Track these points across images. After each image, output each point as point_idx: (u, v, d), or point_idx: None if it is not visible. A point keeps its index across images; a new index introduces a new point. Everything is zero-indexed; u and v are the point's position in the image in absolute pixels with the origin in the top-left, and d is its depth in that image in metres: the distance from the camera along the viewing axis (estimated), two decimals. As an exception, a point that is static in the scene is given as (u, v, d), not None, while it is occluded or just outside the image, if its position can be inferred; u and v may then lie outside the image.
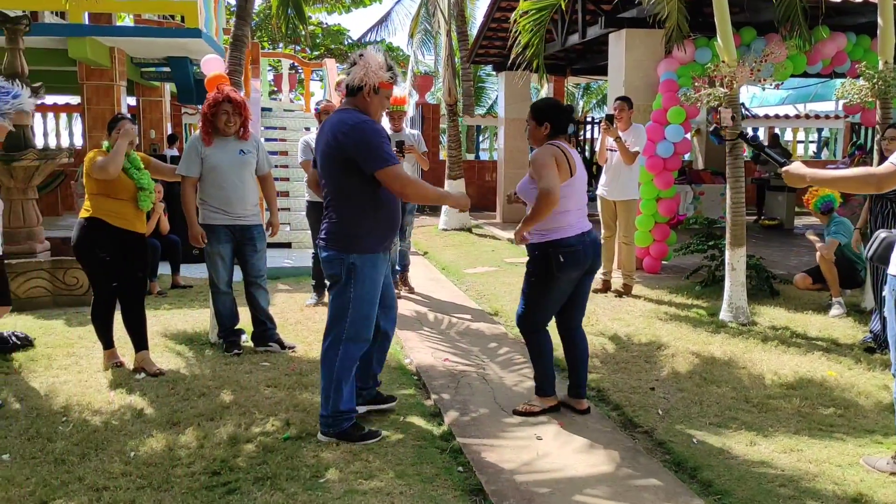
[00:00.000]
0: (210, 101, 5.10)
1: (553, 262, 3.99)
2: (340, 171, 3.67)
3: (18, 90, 4.25)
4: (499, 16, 12.03)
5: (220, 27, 11.29)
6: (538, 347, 4.22)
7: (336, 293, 3.75)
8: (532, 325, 4.20)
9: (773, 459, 3.57)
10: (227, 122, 5.09)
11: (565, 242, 4.01)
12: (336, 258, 3.69)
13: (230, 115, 5.08)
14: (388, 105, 4.15)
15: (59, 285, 6.62)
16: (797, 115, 18.60)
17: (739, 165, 6.19)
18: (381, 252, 3.78)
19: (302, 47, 23.80)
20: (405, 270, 7.54)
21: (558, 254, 3.99)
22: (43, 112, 15.11)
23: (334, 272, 3.71)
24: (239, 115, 5.13)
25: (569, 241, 4.02)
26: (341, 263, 3.67)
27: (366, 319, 3.76)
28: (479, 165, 16.60)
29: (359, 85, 3.68)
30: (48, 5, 9.47)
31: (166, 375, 4.74)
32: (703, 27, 7.84)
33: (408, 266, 7.58)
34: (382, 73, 3.66)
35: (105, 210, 4.69)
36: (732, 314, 6.09)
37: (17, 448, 3.65)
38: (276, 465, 3.46)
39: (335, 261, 3.70)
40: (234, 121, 5.12)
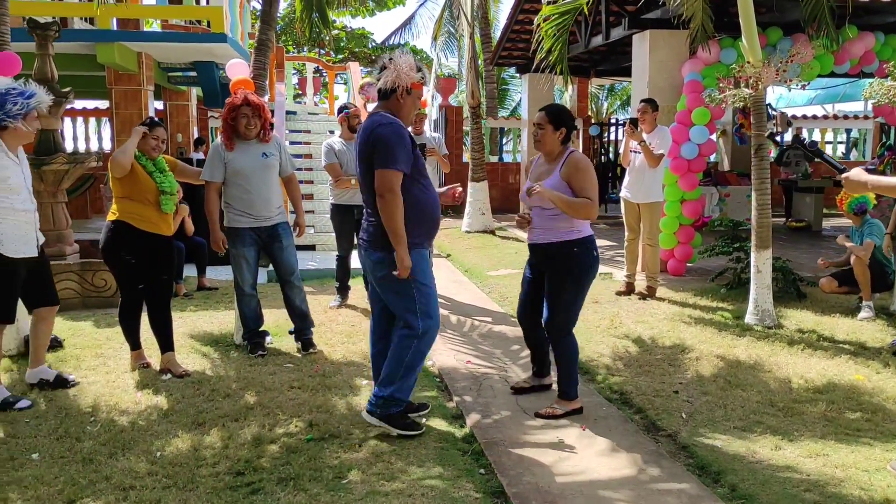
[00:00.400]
0: (229, 105, 5.15)
1: (591, 256, 4.18)
2: (370, 171, 3.77)
3: (32, 89, 4.31)
4: (522, 18, 12.04)
5: (246, 32, 11.41)
6: (570, 350, 4.24)
7: (392, 290, 3.84)
8: (568, 326, 4.23)
9: (799, 464, 3.53)
10: (248, 125, 5.14)
11: (593, 238, 4.24)
12: (383, 259, 3.78)
13: (250, 119, 5.13)
14: (420, 106, 4.24)
15: (88, 287, 6.73)
16: (825, 115, 18.35)
17: (765, 167, 6.13)
18: (423, 248, 3.87)
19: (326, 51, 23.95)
20: None
21: (594, 248, 4.20)
22: (72, 117, 15.39)
23: (383, 273, 3.81)
24: (259, 117, 5.16)
25: (593, 237, 4.25)
26: (392, 263, 3.74)
27: (436, 312, 3.88)
28: (503, 167, 16.58)
29: (391, 88, 3.79)
30: (77, 11, 9.63)
31: (192, 376, 4.79)
32: (729, 27, 7.78)
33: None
34: (413, 74, 3.79)
35: (130, 213, 4.76)
36: (758, 317, 6.03)
37: (47, 447, 3.72)
38: (299, 465, 3.49)
39: (384, 262, 3.79)
40: (255, 123, 5.15)
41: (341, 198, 6.65)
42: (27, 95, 4.25)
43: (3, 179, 4.20)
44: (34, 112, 4.30)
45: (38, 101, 4.28)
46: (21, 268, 4.37)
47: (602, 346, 5.57)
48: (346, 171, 6.52)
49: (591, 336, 5.85)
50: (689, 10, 6.66)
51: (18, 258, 4.32)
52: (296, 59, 14.93)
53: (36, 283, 4.53)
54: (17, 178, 4.29)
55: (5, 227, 4.26)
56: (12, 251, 4.28)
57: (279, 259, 5.34)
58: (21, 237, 4.33)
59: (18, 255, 4.32)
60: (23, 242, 4.34)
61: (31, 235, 4.41)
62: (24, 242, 4.35)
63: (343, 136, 6.68)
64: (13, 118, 4.21)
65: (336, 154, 6.57)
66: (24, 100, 4.23)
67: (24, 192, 4.35)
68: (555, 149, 4.25)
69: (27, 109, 4.24)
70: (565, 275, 4.16)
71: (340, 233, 6.81)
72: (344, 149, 6.57)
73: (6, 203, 4.24)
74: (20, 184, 4.31)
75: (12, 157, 4.29)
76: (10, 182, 4.23)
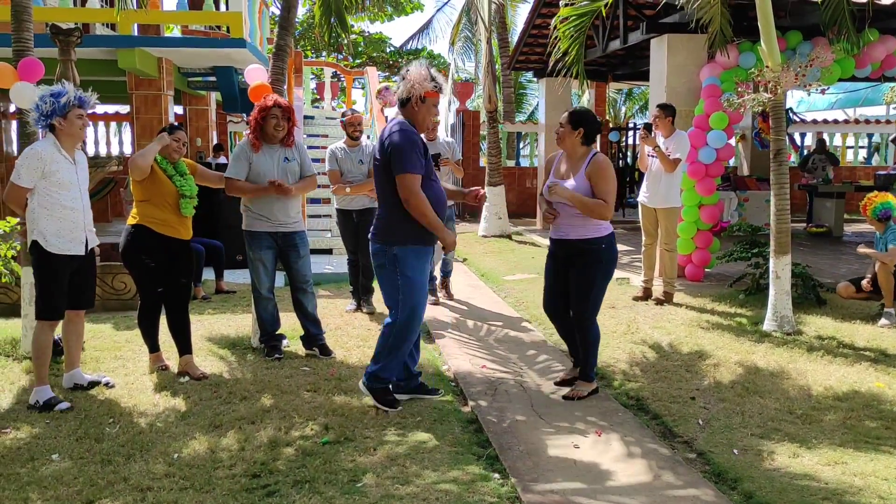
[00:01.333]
0: (260, 106, 5.21)
1: (615, 250, 4.60)
2: (383, 173, 4.13)
3: (62, 89, 4.38)
4: (539, 22, 12.02)
5: (265, 37, 11.48)
6: (595, 335, 4.61)
7: (384, 280, 4.27)
8: (595, 314, 4.61)
9: (817, 472, 3.50)
10: (276, 126, 5.18)
11: (614, 234, 4.60)
12: (380, 250, 4.22)
13: (279, 120, 5.18)
14: (437, 112, 4.49)
15: (108, 290, 6.80)
16: (846, 119, 18.17)
17: (784, 172, 6.08)
18: (422, 246, 4.22)
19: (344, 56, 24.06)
20: (447, 276, 7.59)
21: (615, 243, 4.60)
22: (94, 121, 15.55)
23: (379, 262, 4.25)
24: (287, 120, 5.22)
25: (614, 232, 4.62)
26: (385, 254, 4.19)
27: (417, 307, 4.24)
28: (520, 172, 16.57)
29: (406, 97, 4.15)
30: (99, 17, 9.74)
31: (209, 379, 4.83)
32: (747, 31, 7.73)
33: (450, 273, 7.64)
34: (427, 83, 4.10)
35: (150, 217, 4.81)
36: (777, 323, 5.98)
37: (66, 448, 3.76)
38: (314, 468, 3.51)
39: (380, 252, 4.23)
40: (283, 126, 5.20)
41: (342, 202, 6.73)
42: (59, 95, 4.33)
43: (52, 173, 4.30)
44: (75, 111, 4.37)
45: (68, 99, 4.34)
46: (65, 265, 4.41)
47: (619, 352, 5.55)
48: (346, 177, 6.56)
49: (607, 342, 5.82)
50: (708, 15, 6.63)
51: (62, 255, 4.38)
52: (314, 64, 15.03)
53: (77, 284, 4.56)
54: (68, 175, 4.38)
55: (50, 222, 4.34)
56: (55, 247, 4.35)
57: (294, 267, 5.38)
58: (66, 234, 4.39)
59: (62, 252, 4.38)
60: (68, 240, 4.40)
61: (79, 234, 4.46)
62: (69, 240, 4.41)
63: (346, 143, 6.71)
64: (48, 117, 4.32)
65: (337, 161, 6.62)
66: (56, 100, 4.31)
67: (75, 191, 4.43)
68: (575, 148, 4.54)
69: (60, 108, 4.32)
70: (596, 269, 4.51)
71: (345, 236, 6.89)
72: (344, 156, 6.61)
73: (53, 198, 4.33)
74: (71, 181, 4.39)
75: (64, 155, 4.38)
76: (59, 177, 4.32)
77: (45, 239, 4.34)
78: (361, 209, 6.66)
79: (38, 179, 4.30)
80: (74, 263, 4.47)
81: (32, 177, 4.29)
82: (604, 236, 4.49)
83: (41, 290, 4.43)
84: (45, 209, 4.33)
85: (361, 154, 6.62)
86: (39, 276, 4.43)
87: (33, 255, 4.41)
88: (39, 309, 4.44)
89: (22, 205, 4.43)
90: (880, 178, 12.97)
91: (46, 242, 4.34)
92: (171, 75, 10.30)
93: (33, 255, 4.41)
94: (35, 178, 4.29)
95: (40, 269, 4.41)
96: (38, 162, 4.28)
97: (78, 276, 4.54)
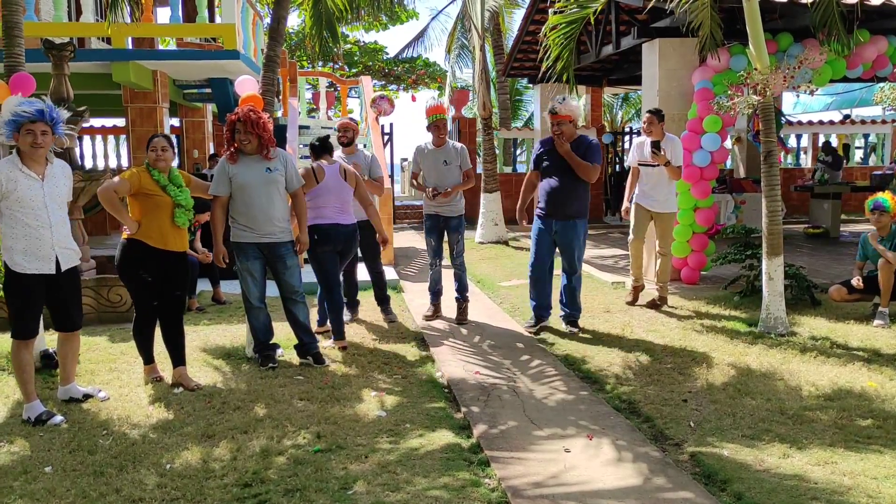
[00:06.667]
0: (227, 121, 5.23)
1: None
2: None
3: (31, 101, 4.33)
4: (533, 29, 12.09)
5: (259, 48, 11.53)
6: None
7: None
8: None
9: (807, 472, 3.51)
10: (241, 140, 5.18)
11: None
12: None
13: (242, 134, 5.16)
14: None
15: (104, 302, 6.82)
16: (842, 120, 18.20)
17: (774, 173, 6.10)
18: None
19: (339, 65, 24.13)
20: (462, 300, 6.90)
21: None
22: (90, 135, 15.60)
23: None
24: (251, 133, 5.15)
25: None
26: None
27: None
28: (516, 178, 16.55)
29: None
30: (91, 32, 9.79)
31: (203, 389, 4.84)
32: (739, 34, 7.75)
33: (465, 293, 6.93)
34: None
35: (144, 231, 4.82)
36: (770, 325, 5.99)
37: (59, 460, 3.77)
38: (305, 477, 3.52)
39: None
40: (248, 139, 5.16)
41: None
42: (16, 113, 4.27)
43: (10, 192, 4.22)
44: (25, 126, 4.24)
45: (18, 115, 4.24)
46: (35, 284, 4.35)
47: (612, 356, 5.56)
48: None
49: (601, 346, 5.85)
50: (698, 19, 6.66)
51: (29, 274, 4.32)
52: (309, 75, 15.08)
53: (58, 304, 4.51)
54: (29, 192, 4.26)
55: (14, 241, 4.28)
56: (20, 266, 4.29)
57: (282, 279, 5.38)
58: (33, 252, 4.32)
59: (28, 272, 4.31)
60: (36, 258, 4.33)
61: (46, 253, 4.36)
62: (37, 258, 4.33)
63: (343, 151, 6.73)
64: (7, 134, 4.27)
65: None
66: (14, 116, 4.26)
67: (40, 208, 4.31)
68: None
69: (14, 125, 4.25)
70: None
71: None
72: None
73: (15, 217, 4.26)
74: (33, 198, 4.28)
75: (26, 172, 4.27)
76: (19, 195, 4.23)
77: (12, 259, 4.28)
78: (362, 220, 6.65)
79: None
80: (45, 283, 4.40)
81: None
82: None
83: (14, 310, 4.38)
84: (11, 228, 4.27)
85: (357, 160, 6.62)
86: (10, 295, 4.36)
87: (5, 276, 4.37)
88: (13, 329, 4.40)
89: None
90: (876, 178, 12.99)
91: (13, 262, 4.28)
92: (167, 88, 10.36)
93: (5, 276, 4.37)
94: None
95: (10, 289, 4.35)
96: None
97: (56, 295, 4.48)
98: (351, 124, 6.77)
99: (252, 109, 5.20)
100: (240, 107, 5.29)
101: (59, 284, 4.48)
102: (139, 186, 4.82)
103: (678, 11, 6.78)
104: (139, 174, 4.86)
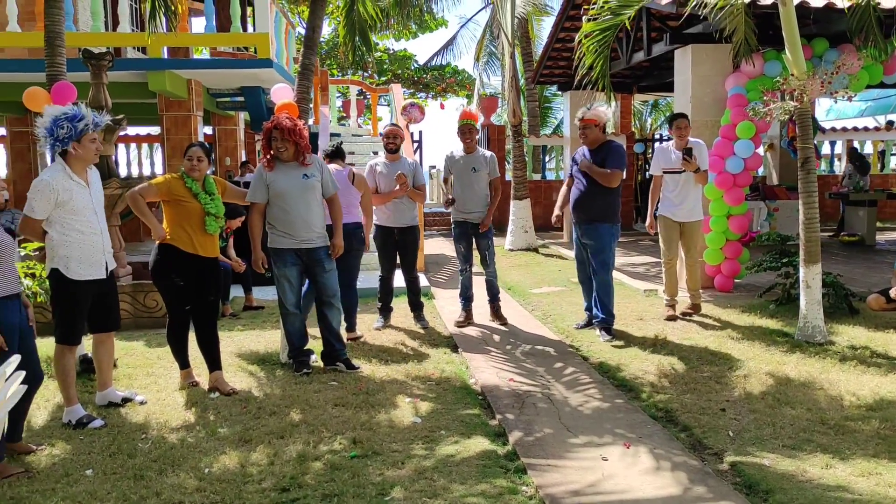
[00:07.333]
0: (264, 129, 5.29)
1: None
2: None
3: (80, 112, 4.36)
4: (563, 36, 12.05)
5: (291, 57, 11.66)
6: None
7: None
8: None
9: (850, 483, 3.44)
10: (279, 148, 5.23)
11: None
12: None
13: (279, 142, 5.21)
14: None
15: (140, 308, 6.91)
16: (877, 126, 17.91)
17: (812, 180, 6.02)
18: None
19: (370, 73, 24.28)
20: (495, 302, 7.08)
21: None
22: (125, 143, 15.87)
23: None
24: (288, 141, 5.21)
25: None
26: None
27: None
28: (546, 185, 16.55)
29: None
30: (130, 42, 9.97)
31: (239, 394, 4.89)
32: (773, 40, 7.67)
33: (497, 297, 7.08)
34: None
35: (177, 236, 4.89)
36: (808, 333, 5.90)
37: (100, 463, 3.83)
38: (342, 482, 3.53)
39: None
40: (285, 146, 5.22)
41: (383, 219, 6.73)
42: (76, 119, 4.31)
43: (65, 202, 4.27)
44: (89, 134, 4.34)
45: (86, 123, 4.32)
46: (86, 290, 4.43)
47: (647, 364, 5.51)
48: (385, 191, 6.60)
49: (635, 353, 5.80)
50: (732, 25, 6.59)
51: (83, 280, 4.40)
52: (340, 83, 15.19)
53: (101, 306, 4.58)
54: (81, 201, 4.34)
55: (70, 249, 4.34)
56: (76, 273, 4.36)
57: (320, 281, 5.42)
58: (87, 259, 4.39)
59: (83, 278, 4.39)
60: (89, 265, 4.41)
61: (98, 258, 4.45)
62: (90, 265, 4.41)
63: (386, 158, 6.76)
64: (63, 142, 4.30)
65: (376, 176, 6.66)
66: (72, 123, 4.29)
67: (90, 215, 4.40)
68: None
69: (76, 133, 4.30)
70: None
71: (383, 253, 6.89)
72: (385, 170, 6.64)
73: (69, 225, 4.32)
74: (85, 206, 4.36)
75: (76, 180, 4.34)
76: (73, 204, 4.30)
77: (66, 266, 4.33)
78: (403, 227, 6.70)
79: (51, 209, 4.26)
80: (96, 287, 4.48)
81: (45, 208, 4.25)
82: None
83: (62, 315, 4.43)
84: (64, 236, 4.31)
85: (402, 168, 6.65)
86: (60, 302, 4.42)
87: (52, 282, 4.41)
88: (60, 334, 4.45)
89: (39, 235, 4.40)
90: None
91: (68, 269, 4.34)
92: (201, 96, 10.50)
93: (52, 282, 4.41)
94: (48, 208, 4.25)
95: (61, 296, 4.41)
96: (49, 192, 4.22)
97: (101, 299, 4.55)
98: (398, 131, 6.77)
99: (288, 117, 5.25)
100: (276, 114, 5.35)
101: (106, 288, 4.57)
102: (169, 192, 4.89)
103: (712, 18, 6.73)
104: (170, 181, 4.94)
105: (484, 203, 6.84)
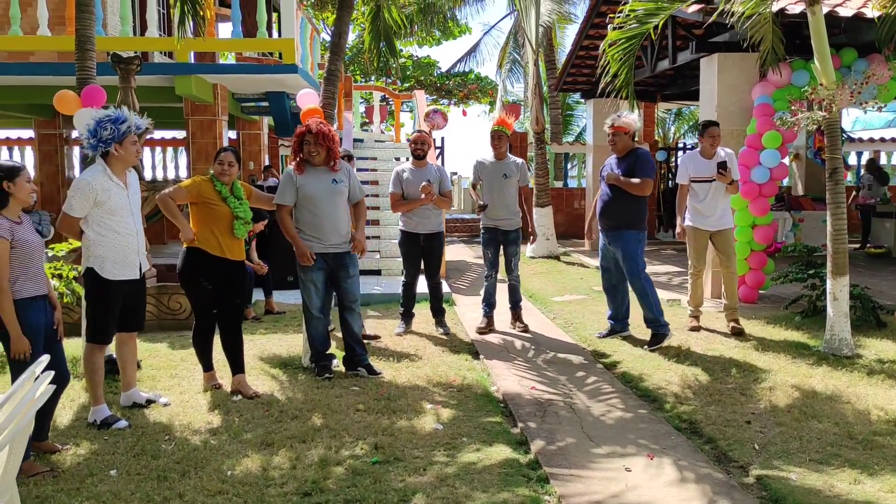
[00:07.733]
0: (296, 132, 5.32)
1: None
2: None
3: (123, 115, 4.44)
4: (587, 44, 12.03)
5: (316, 62, 11.73)
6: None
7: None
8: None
9: (879, 499, 3.39)
10: (310, 152, 5.27)
11: None
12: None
13: (312, 146, 5.25)
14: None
15: (164, 310, 6.97)
16: (905, 137, 17.69)
17: (840, 191, 5.95)
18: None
19: (393, 79, 24.37)
20: (517, 308, 7.09)
21: None
22: (151, 146, 16.04)
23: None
24: (321, 145, 5.25)
25: None
26: None
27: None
28: (567, 193, 16.52)
29: None
30: (158, 46, 10.07)
31: (261, 398, 4.90)
32: (800, 49, 7.60)
33: (519, 302, 7.10)
34: None
35: (204, 239, 4.93)
36: (835, 346, 5.82)
37: (124, 464, 3.85)
38: (364, 488, 3.52)
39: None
40: (317, 151, 5.26)
41: (409, 225, 6.74)
42: (119, 121, 4.40)
43: (104, 201, 4.34)
44: (130, 137, 4.43)
45: (128, 126, 4.41)
46: (119, 290, 4.49)
47: (670, 374, 5.46)
48: (411, 197, 6.60)
49: (659, 363, 5.75)
50: (759, 34, 6.55)
51: (116, 280, 4.46)
52: (363, 89, 15.26)
53: (128, 307, 4.63)
54: (119, 201, 4.41)
55: (105, 249, 4.40)
56: (111, 273, 4.43)
57: (343, 286, 5.45)
58: (122, 260, 4.46)
59: (117, 278, 4.45)
60: (123, 265, 4.47)
61: (133, 259, 4.52)
62: (124, 265, 4.48)
63: (412, 164, 6.77)
64: (106, 143, 4.38)
65: (402, 182, 6.67)
66: (115, 126, 4.37)
67: (127, 216, 4.47)
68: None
69: (119, 135, 4.38)
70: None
71: (407, 259, 6.90)
72: (411, 176, 6.65)
73: (106, 225, 4.39)
74: (122, 206, 4.43)
75: (115, 181, 4.42)
76: (111, 204, 4.37)
77: (101, 266, 4.40)
78: (428, 233, 6.71)
79: (90, 208, 4.33)
80: (128, 288, 4.54)
81: (84, 206, 4.32)
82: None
83: (94, 314, 4.50)
84: (101, 237, 4.38)
85: (428, 174, 6.65)
86: (93, 301, 4.49)
87: (87, 281, 4.47)
88: (91, 332, 4.52)
89: (76, 233, 4.48)
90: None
91: (102, 269, 4.40)
92: (226, 101, 10.59)
93: (87, 281, 4.47)
94: (87, 207, 4.32)
95: (94, 295, 4.47)
96: (89, 191, 4.30)
97: (130, 299, 4.60)
98: (426, 137, 6.81)
99: (322, 122, 5.30)
100: (309, 119, 5.38)
101: (137, 289, 4.64)
102: (198, 195, 4.93)
103: (738, 27, 6.68)
104: (199, 183, 4.98)
105: (514, 210, 6.84)
